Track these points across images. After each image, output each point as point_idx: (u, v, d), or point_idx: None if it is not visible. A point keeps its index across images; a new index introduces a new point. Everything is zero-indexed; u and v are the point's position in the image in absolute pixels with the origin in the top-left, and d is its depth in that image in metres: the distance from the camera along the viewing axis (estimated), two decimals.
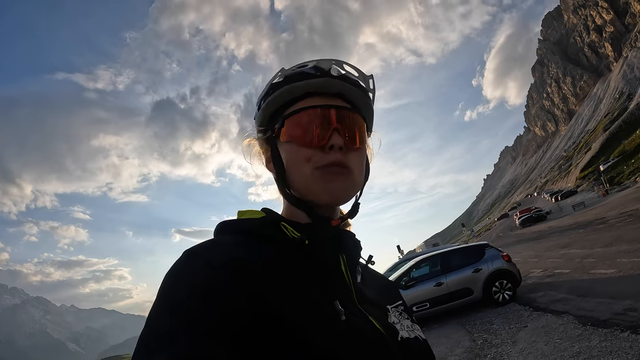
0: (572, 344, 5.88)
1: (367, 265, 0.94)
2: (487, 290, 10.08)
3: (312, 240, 0.78)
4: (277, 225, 0.80)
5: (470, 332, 8.44)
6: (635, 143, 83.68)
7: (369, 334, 0.74)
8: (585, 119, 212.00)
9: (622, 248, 12.08)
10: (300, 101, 0.84)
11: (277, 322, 0.63)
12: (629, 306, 6.72)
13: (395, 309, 0.91)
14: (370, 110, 0.91)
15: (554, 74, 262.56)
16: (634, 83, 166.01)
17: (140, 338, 0.61)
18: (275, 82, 0.85)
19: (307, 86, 0.83)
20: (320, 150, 0.80)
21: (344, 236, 0.85)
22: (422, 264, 11.24)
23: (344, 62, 0.87)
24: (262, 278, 0.67)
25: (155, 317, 0.62)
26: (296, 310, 0.66)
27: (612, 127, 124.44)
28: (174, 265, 0.68)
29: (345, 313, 0.71)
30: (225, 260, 0.67)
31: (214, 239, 0.76)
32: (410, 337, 0.85)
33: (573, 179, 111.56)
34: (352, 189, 0.83)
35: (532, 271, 13.80)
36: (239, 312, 0.61)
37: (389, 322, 0.84)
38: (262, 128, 0.89)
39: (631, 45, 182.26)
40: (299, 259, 0.77)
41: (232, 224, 0.82)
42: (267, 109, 0.86)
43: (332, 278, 0.79)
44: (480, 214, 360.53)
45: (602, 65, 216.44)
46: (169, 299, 0.63)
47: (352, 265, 0.84)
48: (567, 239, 21.21)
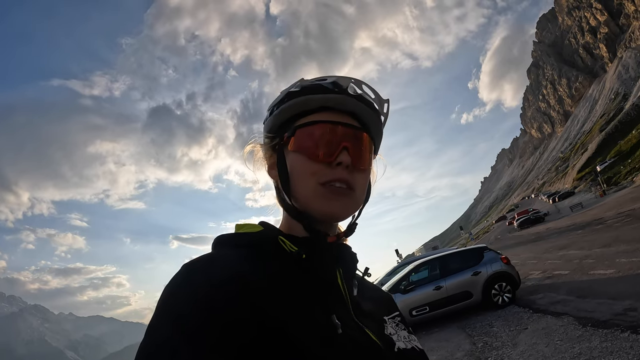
0: (573, 345, 5.87)
1: (363, 278, 0.94)
2: (487, 293, 10.06)
3: (309, 254, 0.78)
4: (275, 239, 0.80)
5: (470, 335, 8.42)
6: (631, 143, 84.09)
7: (366, 347, 0.75)
8: (581, 120, 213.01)
9: (621, 248, 12.10)
10: (314, 114, 0.84)
11: (280, 334, 0.63)
12: (628, 306, 6.72)
13: (392, 319, 0.91)
14: (380, 133, 0.92)
15: (549, 76, 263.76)
16: (629, 83, 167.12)
17: (140, 348, 0.60)
18: (292, 90, 0.85)
19: (323, 100, 0.84)
20: (327, 166, 0.80)
21: (340, 249, 0.85)
22: (421, 268, 11.22)
23: (363, 82, 0.88)
24: (263, 292, 0.67)
25: (157, 328, 0.62)
26: (295, 324, 0.66)
27: (608, 128, 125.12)
28: (174, 279, 0.68)
29: (342, 326, 0.72)
30: (226, 275, 0.67)
31: (212, 253, 0.76)
32: (407, 347, 0.85)
33: (570, 180, 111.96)
34: (351, 208, 0.83)
35: (531, 273, 13.80)
36: (242, 326, 0.61)
37: (385, 333, 0.85)
38: (271, 135, 0.89)
39: (626, 45, 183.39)
40: (297, 273, 0.77)
41: (231, 238, 0.82)
42: (279, 116, 0.86)
43: (329, 292, 0.79)
44: (478, 216, 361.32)
45: (597, 67, 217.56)
46: (170, 311, 0.63)
47: (348, 278, 0.84)
48: (566, 240, 21.24)
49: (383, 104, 0.90)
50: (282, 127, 0.87)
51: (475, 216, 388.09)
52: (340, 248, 0.86)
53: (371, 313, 0.87)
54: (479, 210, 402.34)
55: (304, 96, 0.84)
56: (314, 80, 0.86)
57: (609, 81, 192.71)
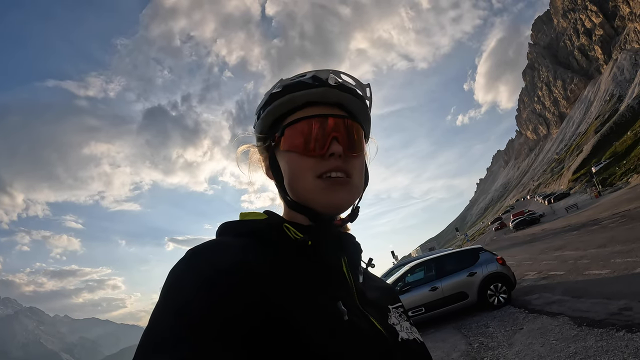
0: (568, 345, 5.87)
1: (366, 268, 0.95)
2: (482, 293, 10.06)
3: (315, 241, 0.79)
4: (280, 226, 0.81)
5: (466, 336, 8.41)
6: (626, 144, 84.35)
7: (371, 335, 0.75)
8: (576, 122, 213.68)
9: (616, 249, 12.13)
10: (300, 111, 0.86)
11: (285, 323, 0.63)
12: (623, 306, 6.73)
13: (395, 309, 0.92)
14: (368, 117, 0.93)
15: (544, 78, 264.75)
16: (624, 85, 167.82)
17: (143, 337, 0.59)
18: (274, 92, 0.87)
19: (306, 96, 0.85)
20: (320, 159, 0.81)
21: (344, 238, 0.86)
22: (417, 269, 11.21)
23: (341, 72, 0.89)
24: (267, 279, 0.67)
25: (160, 317, 0.61)
26: (302, 311, 0.66)
27: (603, 129, 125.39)
28: (178, 266, 0.67)
29: (347, 314, 0.72)
30: (231, 262, 0.66)
31: (217, 240, 0.75)
32: (409, 338, 0.86)
33: (565, 181, 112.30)
34: (353, 197, 0.85)
35: (527, 274, 13.82)
36: (247, 314, 0.61)
37: (389, 323, 0.85)
38: (262, 136, 0.90)
39: (620, 47, 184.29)
40: (302, 260, 0.77)
41: (236, 225, 0.82)
42: (266, 118, 0.88)
43: (335, 279, 0.80)
44: (474, 218, 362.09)
45: (592, 68, 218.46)
46: (174, 299, 0.62)
47: (353, 266, 0.85)
48: (561, 241, 21.30)
49: (365, 88, 0.92)
50: (272, 128, 0.88)
51: (471, 218, 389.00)
52: (344, 237, 0.87)
53: (375, 302, 0.88)
54: (474, 212, 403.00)
55: (287, 95, 0.85)
56: (294, 77, 0.88)
57: (604, 83, 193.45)
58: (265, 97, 0.89)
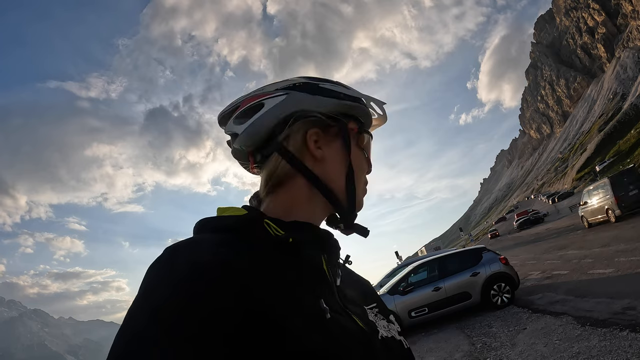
0: (572, 345, 5.85)
1: (345, 265, 0.93)
2: (486, 293, 10.04)
3: (296, 239, 0.76)
4: (260, 222, 0.77)
5: (469, 336, 8.40)
6: (630, 143, 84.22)
7: (354, 332, 0.74)
8: (579, 121, 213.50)
9: (620, 248, 12.06)
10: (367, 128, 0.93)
11: (266, 320, 0.61)
12: (627, 305, 6.69)
13: (370, 310, 0.89)
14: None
15: (547, 77, 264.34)
16: (627, 83, 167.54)
17: (118, 335, 0.58)
18: (375, 99, 0.92)
19: (376, 122, 0.96)
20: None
21: (324, 236, 0.84)
22: (420, 269, 11.21)
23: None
24: (248, 275, 0.65)
25: (136, 316, 0.59)
26: (284, 309, 0.64)
27: (606, 128, 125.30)
28: (156, 264, 0.65)
29: (329, 311, 0.71)
30: (209, 259, 0.64)
31: (195, 237, 0.73)
32: (388, 336, 0.84)
33: (569, 180, 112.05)
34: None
35: (530, 273, 13.79)
36: (227, 311, 0.59)
37: (370, 320, 0.84)
38: (332, 116, 0.85)
39: (623, 45, 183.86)
40: (283, 257, 0.74)
41: (214, 221, 0.78)
42: (345, 107, 0.85)
43: (316, 277, 0.78)
44: (477, 217, 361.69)
45: (595, 67, 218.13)
46: (151, 298, 0.60)
47: (332, 264, 0.83)
48: (565, 240, 21.21)
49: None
50: (344, 117, 0.86)
51: (475, 217, 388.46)
52: (324, 235, 0.85)
53: (355, 300, 0.87)
54: (478, 212, 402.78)
55: (381, 117, 0.95)
56: (380, 102, 0.94)
57: (607, 81, 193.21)
58: (354, 93, 0.88)
